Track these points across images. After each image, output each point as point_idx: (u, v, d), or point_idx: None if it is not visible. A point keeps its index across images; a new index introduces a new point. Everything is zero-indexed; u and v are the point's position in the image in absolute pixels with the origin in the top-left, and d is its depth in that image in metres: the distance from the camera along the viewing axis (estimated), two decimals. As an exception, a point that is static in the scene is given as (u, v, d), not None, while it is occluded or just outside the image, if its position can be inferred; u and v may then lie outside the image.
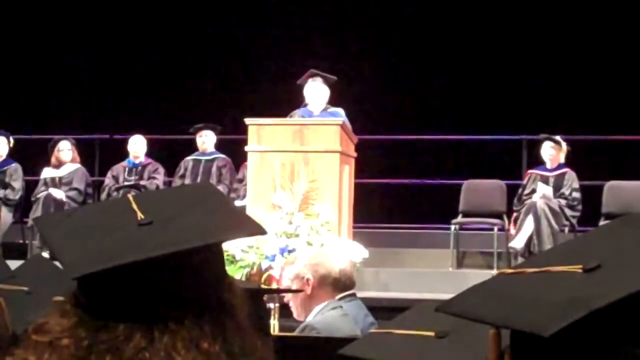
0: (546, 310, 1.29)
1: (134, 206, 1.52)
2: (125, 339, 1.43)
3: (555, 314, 1.27)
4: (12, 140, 11.97)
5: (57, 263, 1.75)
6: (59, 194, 11.60)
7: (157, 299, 1.45)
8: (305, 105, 10.14)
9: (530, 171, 11.19)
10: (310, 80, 10.14)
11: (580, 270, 1.34)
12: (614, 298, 1.26)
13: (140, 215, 1.50)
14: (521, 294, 1.37)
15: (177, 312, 1.45)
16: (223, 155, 11.81)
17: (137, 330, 1.44)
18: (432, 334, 1.88)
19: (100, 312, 1.45)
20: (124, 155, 12.06)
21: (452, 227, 11.02)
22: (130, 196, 1.57)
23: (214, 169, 11.74)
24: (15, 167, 11.87)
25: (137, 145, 11.95)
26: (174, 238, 1.46)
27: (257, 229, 1.56)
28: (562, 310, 1.27)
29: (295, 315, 5.14)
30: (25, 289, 2.65)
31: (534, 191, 10.76)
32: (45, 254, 6.74)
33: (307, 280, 5.02)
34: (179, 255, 1.45)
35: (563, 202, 10.66)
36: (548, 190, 10.68)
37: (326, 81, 10.16)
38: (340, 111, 10.03)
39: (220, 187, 11.20)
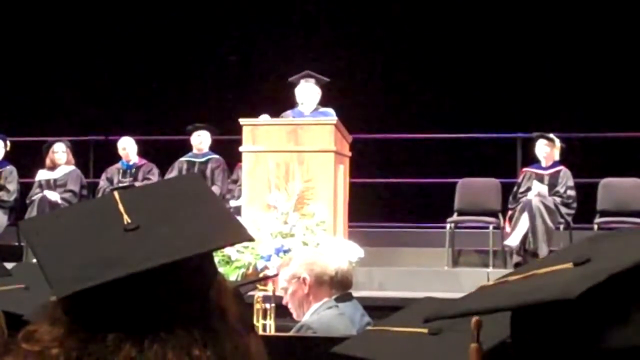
0: (562, 283, 1.29)
1: (120, 207, 1.49)
2: (115, 349, 1.41)
3: (575, 281, 1.27)
4: (9, 144, 11.95)
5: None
6: (54, 196, 11.58)
7: (145, 309, 1.43)
8: (296, 106, 10.15)
9: (525, 169, 11.19)
10: (303, 81, 10.14)
11: (570, 266, 1.34)
12: (627, 264, 1.26)
13: (126, 218, 1.47)
14: (519, 289, 1.36)
15: (167, 321, 1.43)
16: (217, 156, 11.77)
17: (126, 340, 1.41)
18: (425, 331, 1.89)
19: (89, 323, 1.43)
20: (119, 156, 12.03)
21: (447, 225, 11.03)
22: (116, 194, 1.53)
23: (207, 171, 11.70)
24: (10, 169, 11.85)
25: (127, 150, 11.91)
26: (160, 248, 1.43)
27: (245, 236, 1.53)
28: (582, 277, 1.27)
29: (294, 316, 5.13)
30: (22, 286, 2.64)
31: (529, 189, 10.76)
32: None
33: (304, 279, 5.01)
34: (166, 266, 1.42)
35: (558, 199, 10.66)
36: (543, 189, 10.68)
37: (318, 82, 10.17)
38: (331, 111, 10.03)
39: (214, 188, 11.21)
